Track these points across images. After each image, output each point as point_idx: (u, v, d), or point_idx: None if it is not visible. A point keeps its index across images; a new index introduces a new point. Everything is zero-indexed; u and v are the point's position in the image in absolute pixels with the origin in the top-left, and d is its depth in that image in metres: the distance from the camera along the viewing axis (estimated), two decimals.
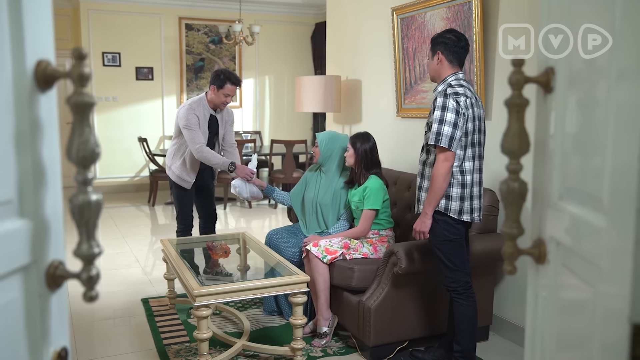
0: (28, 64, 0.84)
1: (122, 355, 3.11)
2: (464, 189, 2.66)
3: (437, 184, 2.60)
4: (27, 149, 0.85)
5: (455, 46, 2.69)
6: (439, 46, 2.71)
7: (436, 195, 2.62)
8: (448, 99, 2.58)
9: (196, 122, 3.78)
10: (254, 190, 3.78)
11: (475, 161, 2.69)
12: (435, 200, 2.64)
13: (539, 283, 1.08)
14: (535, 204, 1.09)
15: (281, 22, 9.19)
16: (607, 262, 0.83)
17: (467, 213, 2.67)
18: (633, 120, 0.77)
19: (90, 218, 0.87)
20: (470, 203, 2.69)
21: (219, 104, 3.85)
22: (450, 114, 2.56)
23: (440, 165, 2.59)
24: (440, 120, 2.57)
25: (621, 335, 0.76)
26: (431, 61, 2.76)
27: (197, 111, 3.81)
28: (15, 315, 0.83)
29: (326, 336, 3.20)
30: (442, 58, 2.70)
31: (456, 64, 2.71)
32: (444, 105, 2.58)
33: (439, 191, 2.62)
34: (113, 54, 8.18)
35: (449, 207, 2.65)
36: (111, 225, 6.29)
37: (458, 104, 2.58)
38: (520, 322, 3.21)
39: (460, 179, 2.65)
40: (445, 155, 2.58)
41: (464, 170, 2.65)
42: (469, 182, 2.66)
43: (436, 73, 2.74)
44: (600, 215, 0.85)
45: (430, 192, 2.63)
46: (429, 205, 2.65)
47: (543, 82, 1.04)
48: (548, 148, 1.04)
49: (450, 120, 2.56)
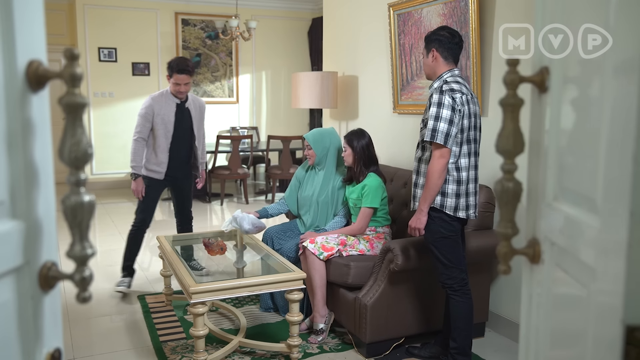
0: (19, 64, 0.83)
1: (119, 352, 3.11)
2: (459, 185, 2.66)
3: (433, 181, 2.60)
4: (19, 149, 0.84)
5: (449, 42, 2.69)
6: (434, 43, 2.72)
7: (432, 191, 2.62)
8: (444, 96, 2.57)
9: (148, 112, 3.81)
10: (255, 221, 3.47)
11: (471, 158, 2.69)
12: (430, 196, 2.63)
13: (533, 283, 1.09)
14: (529, 204, 1.09)
15: (278, 17, 9.16)
16: (600, 263, 0.83)
17: (462, 210, 2.68)
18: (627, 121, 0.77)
19: (83, 219, 0.86)
20: (466, 200, 2.69)
21: (175, 93, 3.85)
22: (446, 111, 2.55)
23: (436, 161, 2.59)
24: (436, 117, 2.56)
25: (614, 336, 0.76)
26: (426, 59, 2.76)
27: (157, 100, 3.83)
28: (7, 317, 0.83)
29: (322, 333, 3.21)
30: (437, 55, 2.70)
31: (451, 60, 2.71)
32: (439, 101, 2.57)
33: (435, 188, 2.61)
34: (109, 50, 8.15)
35: (444, 203, 2.66)
36: (107, 221, 6.28)
37: (454, 100, 2.57)
38: (515, 318, 3.22)
39: (456, 175, 2.65)
40: (440, 151, 2.58)
41: (460, 167, 2.65)
42: (465, 179, 2.66)
43: (432, 70, 2.74)
44: (594, 216, 0.85)
45: (426, 189, 2.63)
46: (424, 202, 2.65)
47: (538, 81, 1.04)
48: (543, 148, 1.04)
49: (446, 116, 2.55)
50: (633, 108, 0.75)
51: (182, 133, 3.92)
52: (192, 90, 8.70)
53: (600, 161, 0.83)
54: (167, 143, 3.86)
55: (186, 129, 3.95)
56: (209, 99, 8.86)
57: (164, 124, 3.83)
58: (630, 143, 0.75)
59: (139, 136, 3.84)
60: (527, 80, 1.03)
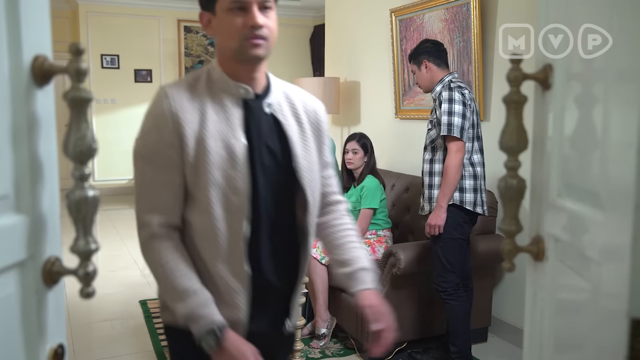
0: (25, 59, 0.83)
1: (120, 356, 3.10)
2: (476, 180, 2.68)
3: (452, 176, 2.60)
4: (23, 144, 0.84)
5: (437, 51, 2.76)
6: (422, 56, 2.77)
7: (451, 187, 2.62)
8: (453, 92, 2.61)
9: None
10: None
11: (481, 155, 2.73)
12: (450, 192, 2.63)
13: (537, 280, 1.08)
14: (533, 201, 1.09)
15: (279, 24, 8.90)
16: (605, 257, 0.82)
17: (480, 205, 2.70)
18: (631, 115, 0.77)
19: (87, 214, 0.86)
20: (481, 195, 2.71)
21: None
22: (458, 105, 2.59)
23: (454, 156, 2.59)
24: (449, 112, 2.58)
25: (620, 329, 0.76)
26: (420, 72, 2.79)
27: None
28: (11, 311, 0.83)
29: (325, 337, 3.20)
30: (430, 65, 2.75)
31: (444, 66, 2.76)
32: (450, 97, 2.60)
33: (454, 182, 2.61)
34: (112, 56, 8.19)
35: (464, 199, 2.66)
36: (109, 227, 6.28)
37: (463, 96, 2.62)
38: (518, 323, 3.21)
39: (471, 170, 2.67)
40: (457, 145, 2.59)
41: (474, 162, 2.68)
42: (480, 174, 2.69)
43: (429, 81, 2.78)
44: (598, 211, 0.85)
45: (445, 185, 2.62)
46: (443, 198, 2.63)
47: (541, 79, 1.04)
48: (546, 145, 1.04)
49: (459, 111, 2.58)
50: (638, 101, 0.75)
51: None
52: None
53: (604, 155, 0.83)
54: None
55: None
56: None
57: None
58: (635, 136, 0.75)
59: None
60: (530, 77, 1.03)
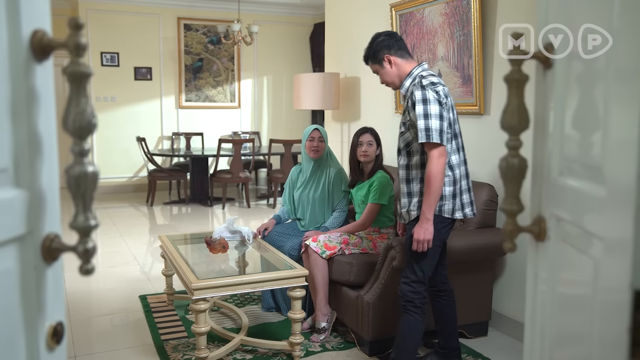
0: (24, 33, 0.83)
1: (120, 350, 3.10)
2: (455, 185, 2.49)
3: (436, 184, 2.37)
4: (23, 118, 0.84)
5: (395, 42, 2.55)
6: (382, 51, 2.55)
7: (435, 195, 2.39)
8: (427, 91, 2.37)
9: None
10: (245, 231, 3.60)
11: (460, 153, 2.53)
12: (435, 201, 2.40)
13: (538, 261, 1.08)
14: (535, 180, 1.08)
15: (280, 22, 9.19)
16: (608, 232, 0.82)
17: (459, 210, 2.52)
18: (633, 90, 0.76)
19: (87, 190, 0.86)
20: (460, 199, 2.52)
21: None
22: (433, 106, 2.36)
23: (436, 162, 2.36)
24: (425, 115, 2.35)
25: (623, 303, 0.76)
26: (384, 69, 2.57)
27: None
28: (11, 285, 0.82)
29: (325, 331, 3.19)
30: (394, 58, 2.54)
31: (408, 56, 2.56)
32: (424, 97, 2.37)
33: (438, 191, 2.40)
34: (111, 54, 8.18)
35: (442, 207, 2.48)
36: (109, 224, 6.27)
37: (438, 94, 2.38)
38: (519, 317, 3.20)
39: (450, 175, 2.48)
40: (439, 151, 2.37)
41: (452, 165, 2.49)
42: (458, 177, 2.51)
43: (396, 76, 2.56)
44: (600, 186, 0.85)
45: (429, 194, 2.39)
46: (429, 209, 2.40)
47: (542, 58, 1.04)
48: (548, 124, 1.04)
49: (435, 112, 2.36)
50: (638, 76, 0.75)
51: None
52: (194, 95, 8.72)
53: (605, 128, 0.83)
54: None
55: None
56: (210, 104, 8.88)
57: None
58: (636, 107, 0.74)
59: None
60: (531, 56, 1.03)
